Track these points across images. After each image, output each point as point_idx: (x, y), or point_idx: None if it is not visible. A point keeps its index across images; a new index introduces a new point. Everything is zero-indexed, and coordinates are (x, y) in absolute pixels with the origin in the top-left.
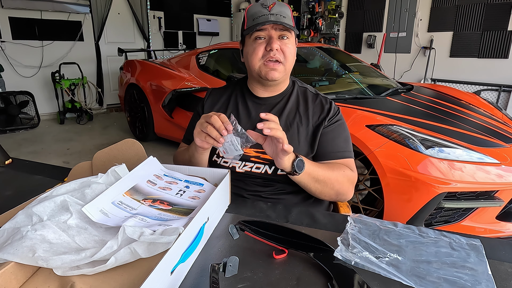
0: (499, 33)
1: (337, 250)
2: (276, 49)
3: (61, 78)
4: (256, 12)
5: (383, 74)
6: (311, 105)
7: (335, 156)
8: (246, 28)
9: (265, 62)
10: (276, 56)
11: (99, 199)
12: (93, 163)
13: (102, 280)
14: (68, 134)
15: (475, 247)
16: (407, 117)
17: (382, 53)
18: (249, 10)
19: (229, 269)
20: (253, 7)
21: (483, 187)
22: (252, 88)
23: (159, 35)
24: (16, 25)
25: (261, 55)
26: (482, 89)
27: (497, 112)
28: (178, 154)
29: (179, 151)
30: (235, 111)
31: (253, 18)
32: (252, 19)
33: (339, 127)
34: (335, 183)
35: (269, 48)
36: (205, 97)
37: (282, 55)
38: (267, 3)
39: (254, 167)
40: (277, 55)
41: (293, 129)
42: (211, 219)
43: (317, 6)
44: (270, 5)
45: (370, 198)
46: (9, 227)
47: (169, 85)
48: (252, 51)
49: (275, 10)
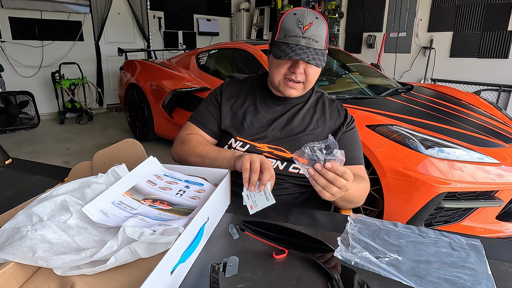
0: (499, 33)
1: (337, 250)
2: (300, 73)
3: (61, 78)
4: (290, 29)
5: (383, 74)
6: (328, 109)
7: (351, 161)
8: (277, 39)
9: (285, 79)
10: (298, 78)
11: (99, 199)
12: (93, 163)
13: (102, 280)
14: (68, 134)
15: (475, 247)
16: (407, 117)
17: (382, 53)
18: (284, 21)
19: (229, 269)
20: (289, 20)
21: (483, 187)
22: (271, 88)
23: (159, 35)
24: (16, 25)
25: (283, 73)
26: (482, 89)
27: (497, 112)
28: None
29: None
30: (252, 106)
31: (285, 34)
32: (283, 34)
33: (355, 134)
34: (358, 199)
35: (292, 70)
36: (224, 85)
37: (304, 77)
38: (303, 22)
39: None
40: (299, 77)
41: (310, 129)
42: (211, 219)
43: (317, 6)
44: (305, 26)
45: (370, 198)
46: (9, 227)
47: (169, 85)
48: (276, 66)
49: (309, 33)
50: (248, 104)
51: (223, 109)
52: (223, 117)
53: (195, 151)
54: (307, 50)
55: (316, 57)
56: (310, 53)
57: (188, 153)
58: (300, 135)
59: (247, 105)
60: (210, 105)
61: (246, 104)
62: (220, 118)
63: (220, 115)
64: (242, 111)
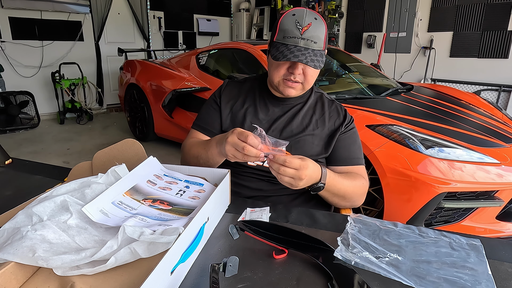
0: (499, 33)
1: (337, 250)
2: (298, 73)
3: (61, 78)
4: (288, 30)
5: (383, 74)
6: (327, 109)
7: (351, 162)
8: (276, 40)
9: (284, 79)
10: (297, 79)
11: (99, 199)
12: (93, 163)
13: (102, 280)
14: (68, 134)
15: (475, 247)
16: (407, 117)
17: (382, 53)
18: (282, 22)
19: (229, 269)
20: (288, 22)
21: (483, 187)
22: (271, 89)
23: (159, 35)
24: (16, 25)
25: (282, 74)
26: (482, 89)
27: (497, 112)
28: (191, 145)
29: (191, 141)
30: (252, 107)
31: (283, 35)
32: (282, 35)
33: (354, 134)
34: (353, 196)
35: (291, 71)
36: (222, 86)
37: (303, 77)
38: (302, 23)
39: (266, 162)
40: (297, 78)
41: (309, 130)
42: (211, 219)
43: (317, 6)
44: (304, 27)
45: (370, 198)
46: (9, 227)
47: (169, 85)
48: (275, 67)
49: (308, 34)
50: (247, 105)
51: (223, 111)
52: (223, 119)
53: (191, 154)
54: (305, 51)
55: (315, 59)
56: (308, 55)
57: (188, 158)
58: (299, 136)
59: (246, 106)
60: (210, 109)
61: (245, 105)
62: (221, 120)
63: (220, 117)
64: (242, 112)
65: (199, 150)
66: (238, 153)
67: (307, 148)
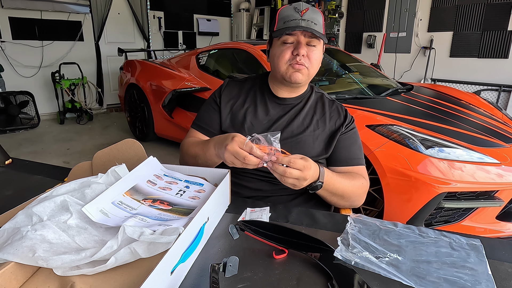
0: (499, 33)
1: (337, 250)
2: (302, 54)
3: (61, 78)
4: (288, 15)
5: (383, 74)
6: (328, 110)
7: (351, 162)
8: (276, 29)
9: (290, 64)
10: (302, 61)
11: (99, 199)
12: (93, 163)
13: (102, 280)
14: (68, 134)
15: (475, 247)
16: (407, 117)
17: (382, 53)
18: (281, 12)
19: (229, 269)
20: (286, 9)
21: (483, 187)
22: (273, 87)
23: (159, 35)
24: (16, 25)
25: (287, 59)
26: (482, 89)
27: (497, 112)
28: (189, 145)
29: (189, 140)
30: (252, 107)
31: (284, 21)
32: (283, 22)
33: (355, 134)
34: (352, 196)
35: (296, 53)
36: (223, 86)
37: (308, 60)
38: (300, 7)
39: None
40: (302, 60)
41: (309, 131)
42: (211, 219)
43: (317, 6)
44: (303, 10)
45: (370, 198)
46: (9, 227)
47: (169, 85)
48: (279, 54)
49: (307, 16)
50: (248, 105)
51: (222, 110)
52: (223, 119)
53: (189, 153)
54: (307, 28)
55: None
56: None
57: (186, 158)
58: (300, 136)
59: (247, 106)
60: (210, 108)
61: (246, 105)
62: (220, 120)
63: (220, 117)
64: (242, 112)
65: (197, 150)
66: (237, 161)
67: (307, 149)
